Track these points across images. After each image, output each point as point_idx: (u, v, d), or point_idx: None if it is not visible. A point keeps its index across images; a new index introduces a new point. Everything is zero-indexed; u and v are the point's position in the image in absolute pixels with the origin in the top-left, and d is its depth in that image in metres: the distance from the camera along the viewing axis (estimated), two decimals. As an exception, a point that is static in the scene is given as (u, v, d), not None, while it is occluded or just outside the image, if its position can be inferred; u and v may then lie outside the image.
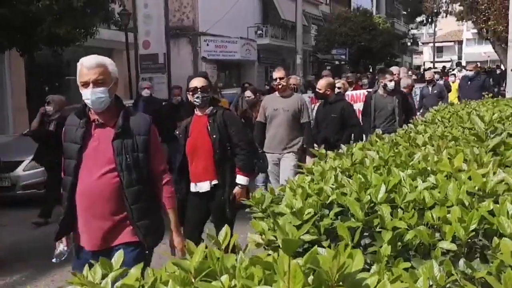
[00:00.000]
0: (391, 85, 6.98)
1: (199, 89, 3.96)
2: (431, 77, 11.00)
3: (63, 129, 2.75)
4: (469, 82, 11.07)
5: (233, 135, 4.03)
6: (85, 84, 2.56)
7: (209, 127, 3.99)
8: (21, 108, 12.69)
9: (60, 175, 2.80)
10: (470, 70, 11.34)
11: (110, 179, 2.60)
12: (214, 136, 3.95)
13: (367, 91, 9.07)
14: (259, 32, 26.06)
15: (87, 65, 2.56)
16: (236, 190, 4.03)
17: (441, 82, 13.67)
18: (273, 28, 27.00)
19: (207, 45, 22.40)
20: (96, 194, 2.59)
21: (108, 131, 2.64)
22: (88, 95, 2.55)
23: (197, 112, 4.10)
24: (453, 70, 25.10)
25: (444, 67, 30.20)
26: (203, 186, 4.02)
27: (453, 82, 14.58)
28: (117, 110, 2.67)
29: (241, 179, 4.06)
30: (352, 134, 6.42)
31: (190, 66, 21.60)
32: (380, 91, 7.10)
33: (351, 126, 6.23)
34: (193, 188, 4.05)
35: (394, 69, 9.73)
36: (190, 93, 4.00)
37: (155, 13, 20.04)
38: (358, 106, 8.11)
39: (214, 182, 4.01)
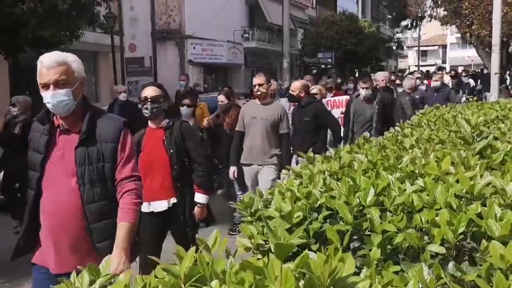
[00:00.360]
0: (363, 93, 6.79)
1: (149, 99, 3.58)
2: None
3: (29, 137, 2.45)
4: (435, 94, 9.98)
5: (191, 150, 3.73)
6: (45, 86, 2.26)
7: (165, 141, 3.67)
8: (4, 112, 12.50)
9: (22, 179, 2.55)
10: (436, 81, 10.17)
11: (77, 192, 2.32)
12: (171, 150, 3.65)
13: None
14: (245, 35, 26.11)
15: (46, 64, 2.25)
16: (196, 210, 3.75)
17: (423, 87, 13.62)
18: (260, 32, 27.07)
19: (194, 48, 22.38)
20: (62, 210, 2.31)
21: (74, 138, 2.34)
22: (48, 98, 2.25)
23: (151, 124, 3.76)
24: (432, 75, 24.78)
25: (427, 71, 30.35)
26: (159, 205, 3.70)
27: None
28: (84, 114, 2.37)
29: (200, 197, 3.75)
30: (330, 135, 6.33)
31: (176, 69, 21.55)
32: (361, 96, 6.94)
33: (330, 128, 6.16)
34: (145, 208, 3.57)
35: (380, 74, 9.36)
36: (141, 103, 3.65)
37: (141, 16, 20.04)
38: (340, 112, 7.81)
39: (173, 200, 3.70)
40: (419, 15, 27.86)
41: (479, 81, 21.38)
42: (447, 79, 15.79)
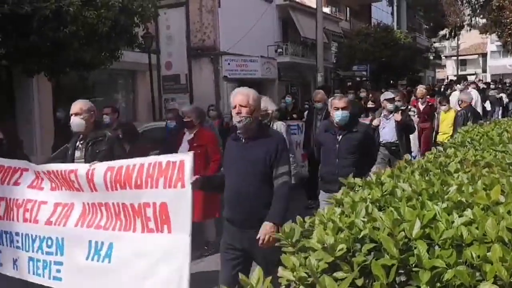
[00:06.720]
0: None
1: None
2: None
3: None
4: (339, 137, 4.93)
5: None
6: None
7: None
8: (48, 130, 12.94)
9: None
10: (317, 102, 6.97)
11: None
12: None
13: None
14: (279, 50, 26.15)
15: None
16: None
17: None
18: (293, 46, 27.07)
19: (228, 64, 22.54)
20: None
21: None
22: None
23: None
24: (449, 88, 17.63)
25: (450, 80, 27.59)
26: None
27: (445, 110, 9.67)
28: None
29: None
30: None
31: (211, 85, 21.76)
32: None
33: None
34: None
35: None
36: None
37: (177, 34, 20.42)
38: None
39: None
40: (458, 24, 27.31)
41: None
42: (474, 93, 11.45)
